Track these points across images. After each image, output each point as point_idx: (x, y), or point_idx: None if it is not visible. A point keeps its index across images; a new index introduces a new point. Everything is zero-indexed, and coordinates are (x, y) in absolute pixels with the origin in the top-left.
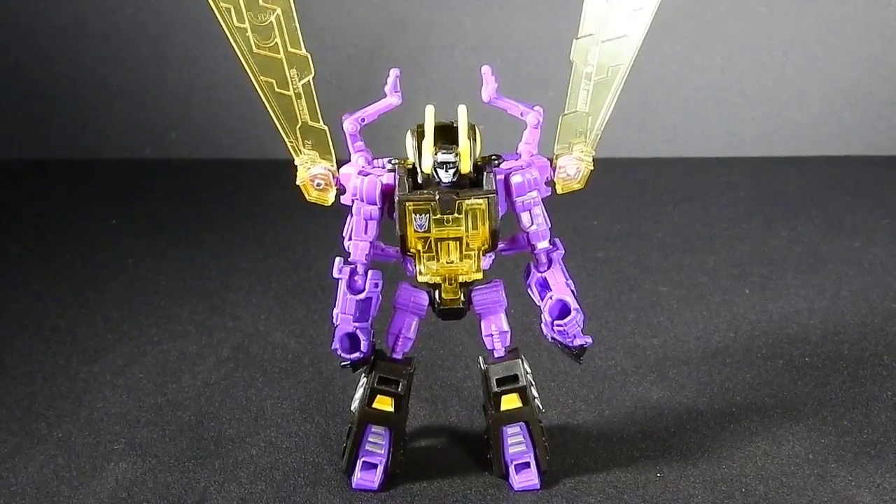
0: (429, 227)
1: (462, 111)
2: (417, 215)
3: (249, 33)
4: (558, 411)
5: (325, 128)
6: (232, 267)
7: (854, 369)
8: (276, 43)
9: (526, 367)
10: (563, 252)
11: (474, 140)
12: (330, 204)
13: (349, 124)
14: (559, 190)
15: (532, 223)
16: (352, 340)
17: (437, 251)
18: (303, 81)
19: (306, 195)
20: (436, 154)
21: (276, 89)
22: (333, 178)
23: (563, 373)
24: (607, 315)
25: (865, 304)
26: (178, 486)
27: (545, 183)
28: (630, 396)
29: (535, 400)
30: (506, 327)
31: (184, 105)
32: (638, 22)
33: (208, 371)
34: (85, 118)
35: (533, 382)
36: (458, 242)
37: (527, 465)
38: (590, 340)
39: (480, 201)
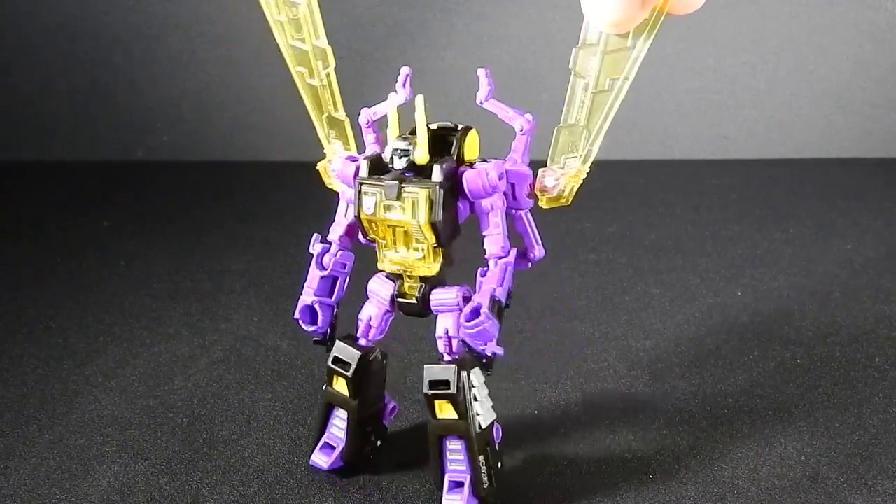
0: (376, 210)
1: (419, 102)
2: (367, 198)
3: (285, 25)
4: (550, 413)
5: (346, 119)
6: (224, 269)
7: (846, 371)
8: (305, 35)
9: (474, 380)
10: (512, 261)
11: (461, 140)
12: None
13: (361, 116)
14: (543, 204)
15: (487, 227)
16: (312, 314)
17: (393, 241)
18: (326, 71)
19: (325, 181)
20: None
21: (307, 80)
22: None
23: (555, 375)
24: (599, 317)
25: (857, 306)
26: (171, 489)
27: (526, 195)
28: (622, 398)
29: (477, 417)
30: (456, 333)
31: (175, 107)
32: (642, 35)
33: (200, 373)
34: (77, 120)
35: (479, 398)
36: (404, 233)
37: (459, 484)
38: (500, 352)
39: (418, 190)
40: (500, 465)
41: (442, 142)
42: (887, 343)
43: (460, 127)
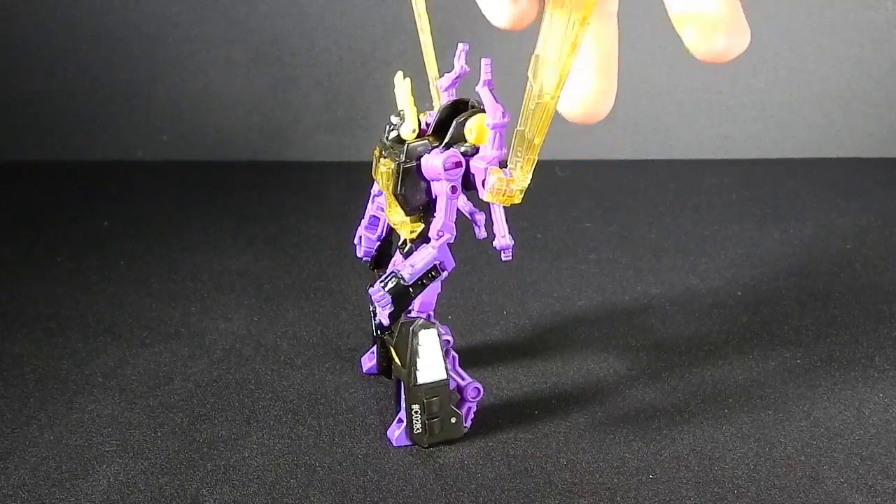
0: (373, 172)
1: (399, 79)
2: (374, 162)
3: None
4: (550, 413)
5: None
6: (223, 269)
7: (845, 371)
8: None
9: (421, 339)
10: (435, 248)
11: (461, 123)
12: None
13: (442, 80)
14: (483, 197)
15: (434, 210)
16: (359, 242)
17: (388, 203)
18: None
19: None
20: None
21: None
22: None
23: (555, 375)
24: (600, 317)
25: (857, 306)
26: (171, 488)
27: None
28: (622, 398)
29: (416, 371)
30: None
31: (175, 107)
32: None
33: (200, 373)
34: (76, 120)
35: (421, 356)
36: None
37: (400, 420)
38: (384, 321)
39: (389, 164)
40: (452, 420)
41: (449, 121)
42: (887, 343)
43: (470, 109)
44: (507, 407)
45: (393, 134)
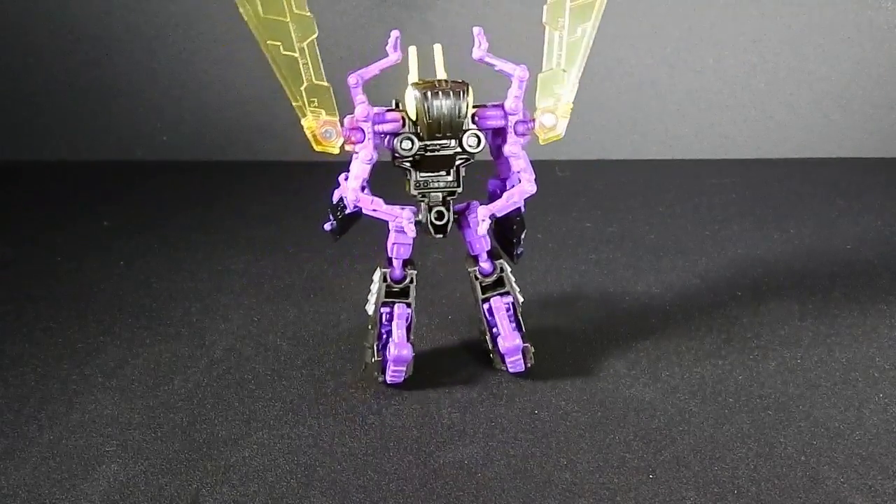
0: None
1: (413, 53)
2: None
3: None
4: (550, 412)
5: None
6: (223, 269)
7: (845, 371)
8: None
9: (374, 277)
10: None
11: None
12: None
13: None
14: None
15: None
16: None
17: None
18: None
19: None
20: None
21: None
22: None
23: (555, 374)
24: (600, 317)
25: (857, 307)
26: (171, 488)
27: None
28: (622, 398)
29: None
30: None
31: (175, 107)
32: None
33: (200, 373)
34: (76, 120)
35: (372, 291)
36: None
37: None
38: (326, 227)
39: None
40: (371, 360)
41: None
42: (887, 343)
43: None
44: (507, 407)
45: None
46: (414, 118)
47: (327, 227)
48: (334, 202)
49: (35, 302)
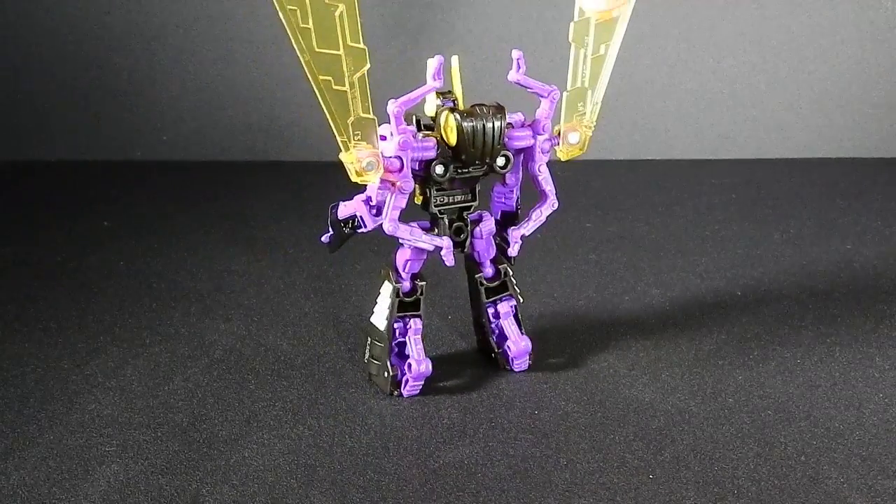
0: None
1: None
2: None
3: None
4: (550, 413)
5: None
6: (224, 269)
7: (845, 371)
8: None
9: (381, 291)
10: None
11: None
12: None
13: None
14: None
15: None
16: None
17: None
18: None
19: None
20: None
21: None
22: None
23: (555, 374)
24: (600, 317)
25: (857, 307)
26: (171, 489)
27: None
28: (622, 398)
29: (373, 315)
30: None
31: (175, 107)
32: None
33: (200, 373)
34: (77, 120)
35: (378, 303)
36: None
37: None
38: (323, 239)
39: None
40: (385, 374)
41: None
42: (887, 343)
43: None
44: (507, 407)
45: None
46: (453, 143)
47: (325, 239)
48: (340, 218)
49: (35, 302)
